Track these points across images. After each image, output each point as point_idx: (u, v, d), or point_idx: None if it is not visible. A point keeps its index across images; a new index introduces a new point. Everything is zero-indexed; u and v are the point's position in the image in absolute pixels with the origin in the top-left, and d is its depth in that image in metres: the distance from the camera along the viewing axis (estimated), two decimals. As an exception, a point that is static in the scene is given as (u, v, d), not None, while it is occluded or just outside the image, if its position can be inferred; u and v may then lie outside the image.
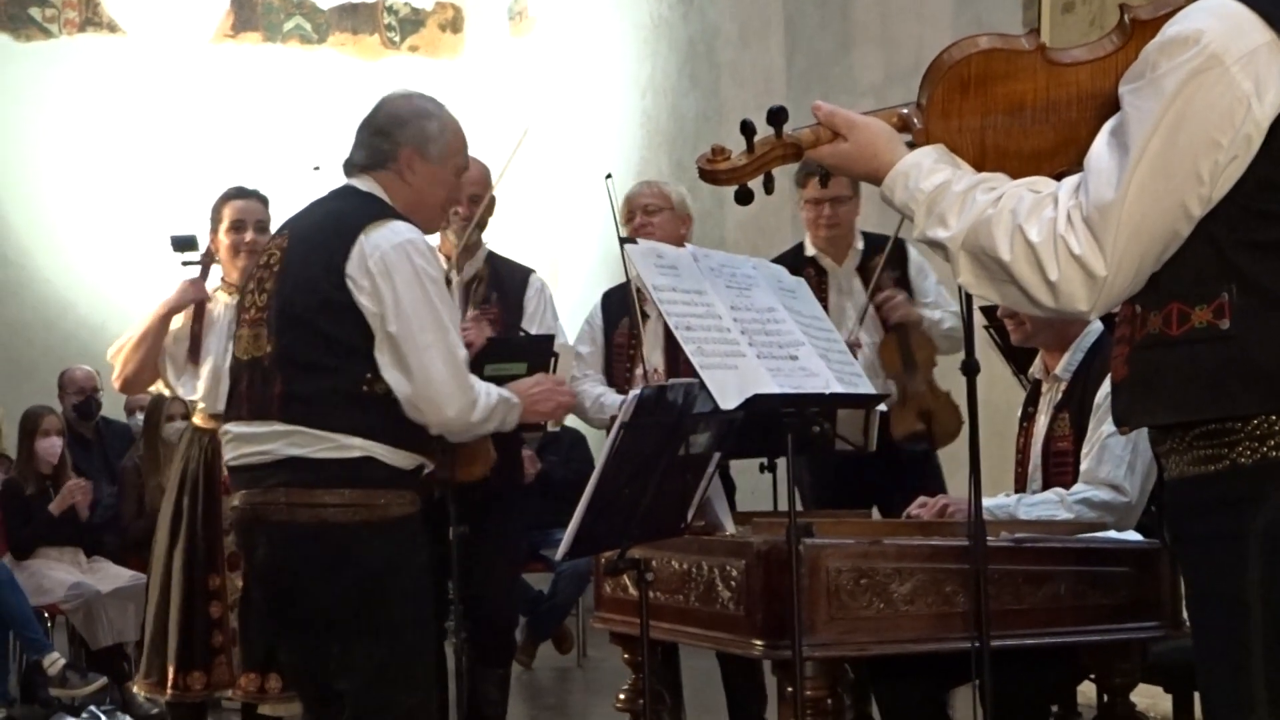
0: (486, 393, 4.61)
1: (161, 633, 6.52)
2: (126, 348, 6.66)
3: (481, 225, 6.72)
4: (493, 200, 6.76)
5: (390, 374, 4.46)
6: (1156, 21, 2.81)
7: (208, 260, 6.78)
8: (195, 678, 6.45)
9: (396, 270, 4.48)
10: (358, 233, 4.52)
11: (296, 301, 4.55)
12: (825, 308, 6.25)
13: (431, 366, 4.47)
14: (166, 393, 7.28)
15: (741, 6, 10.65)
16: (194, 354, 6.65)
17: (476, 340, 5.80)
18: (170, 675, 6.46)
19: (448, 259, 6.62)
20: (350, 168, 4.78)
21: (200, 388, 6.61)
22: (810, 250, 7.11)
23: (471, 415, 4.56)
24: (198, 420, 6.68)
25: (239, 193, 6.84)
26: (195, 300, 6.66)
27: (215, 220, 6.77)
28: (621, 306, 7.01)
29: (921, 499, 5.30)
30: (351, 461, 4.48)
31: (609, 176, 6.29)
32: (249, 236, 6.67)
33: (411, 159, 4.71)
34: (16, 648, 9.40)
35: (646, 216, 6.99)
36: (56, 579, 9.27)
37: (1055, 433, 5.18)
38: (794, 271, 6.16)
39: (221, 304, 6.69)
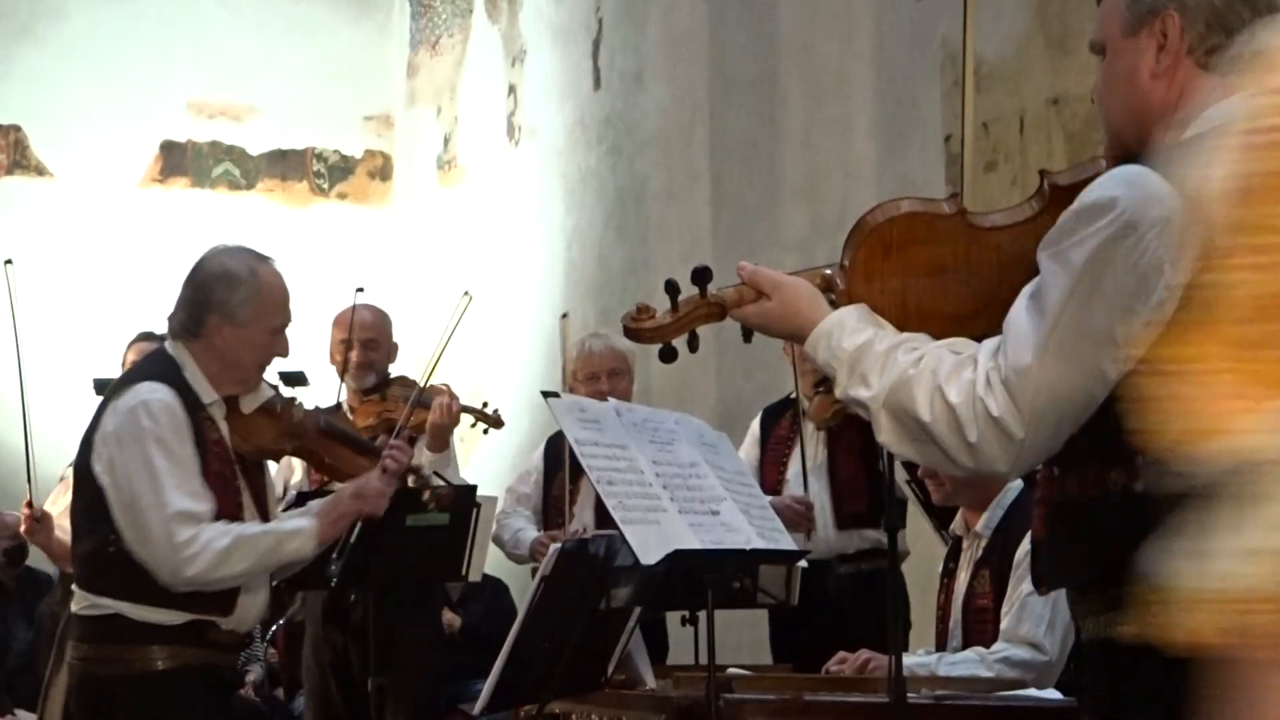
0: (208, 544, 4.60)
1: None
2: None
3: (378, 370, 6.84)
4: (395, 346, 6.89)
5: (126, 535, 4.61)
6: (1075, 187, 2.86)
7: None
8: None
9: (122, 435, 4.61)
10: (109, 401, 4.73)
11: (77, 466, 4.81)
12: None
13: (147, 527, 4.59)
14: None
15: (669, 160, 10.74)
16: None
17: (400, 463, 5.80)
18: None
19: (351, 409, 6.70)
20: (169, 328, 4.91)
21: None
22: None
23: (186, 571, 4.58)
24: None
25: (145, 337, 6.94)
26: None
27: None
28: (560, 457, 7.03)
29: (841, 654, 5.29)
30: (103, 618, 4.66)
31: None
32: None
33: (220, 326, 4.78)
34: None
35: (612, 381, 7.02)
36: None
37: (976, 590, 5.19)
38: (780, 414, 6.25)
39: None
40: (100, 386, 6.87)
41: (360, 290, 7.34)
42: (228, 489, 4.77)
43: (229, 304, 4.76)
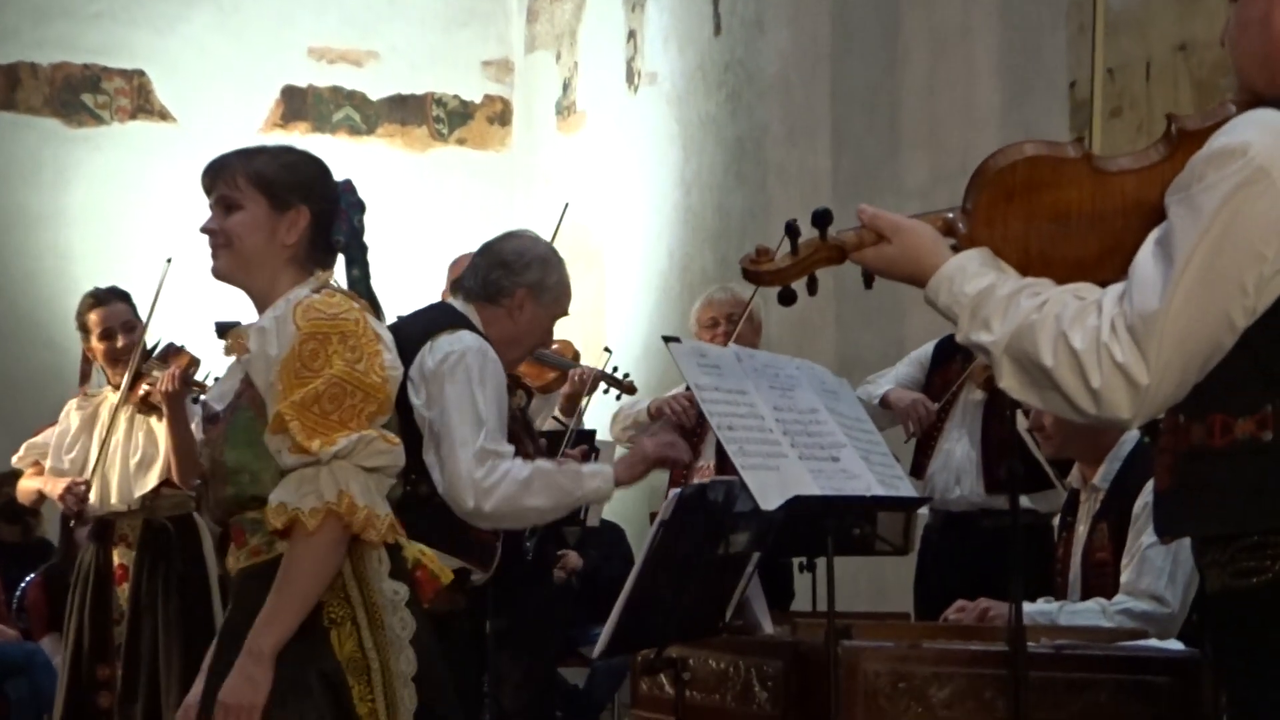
0: (509, 474, 4.70)
1: None
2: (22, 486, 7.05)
3: None
4: None
5: (432, 470, 4.69)
6: (1204, 132, 2.81)
7: (85, 368, 6.91)
8: None
9: (453, 372, 4.72)
10: (420, 342, 4.77)
11: None
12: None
13: (454, 459, 4.68)
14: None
15: (789, 107, 10.68)
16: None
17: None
18: None
19: None
20: (457, 289, 5.05)
21: (95, 485, 6.70)
22: None
23: (487, 503, 4.68)
24: (94, 512, 6.85)
25: (99, 300, 6.97)
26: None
27: (84, 329, 6.92)
28: None
29: (960, 602, 5.28)
30: None
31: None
32: (120, 342, 6.87)
33: (525, 301, 4.96)
34: (51, 731, 9.40)
35: (730, 325, 7.05)
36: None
37: (1094, 543, 5.16)
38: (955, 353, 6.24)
39: (109, 404, 6.83)
40: (221, 329, 6.93)
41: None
42: (520, 448, 4.91)
43: (543, 284, 4.97)
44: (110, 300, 6.92)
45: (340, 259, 3.91)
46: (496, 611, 5.61)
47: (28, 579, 9.74)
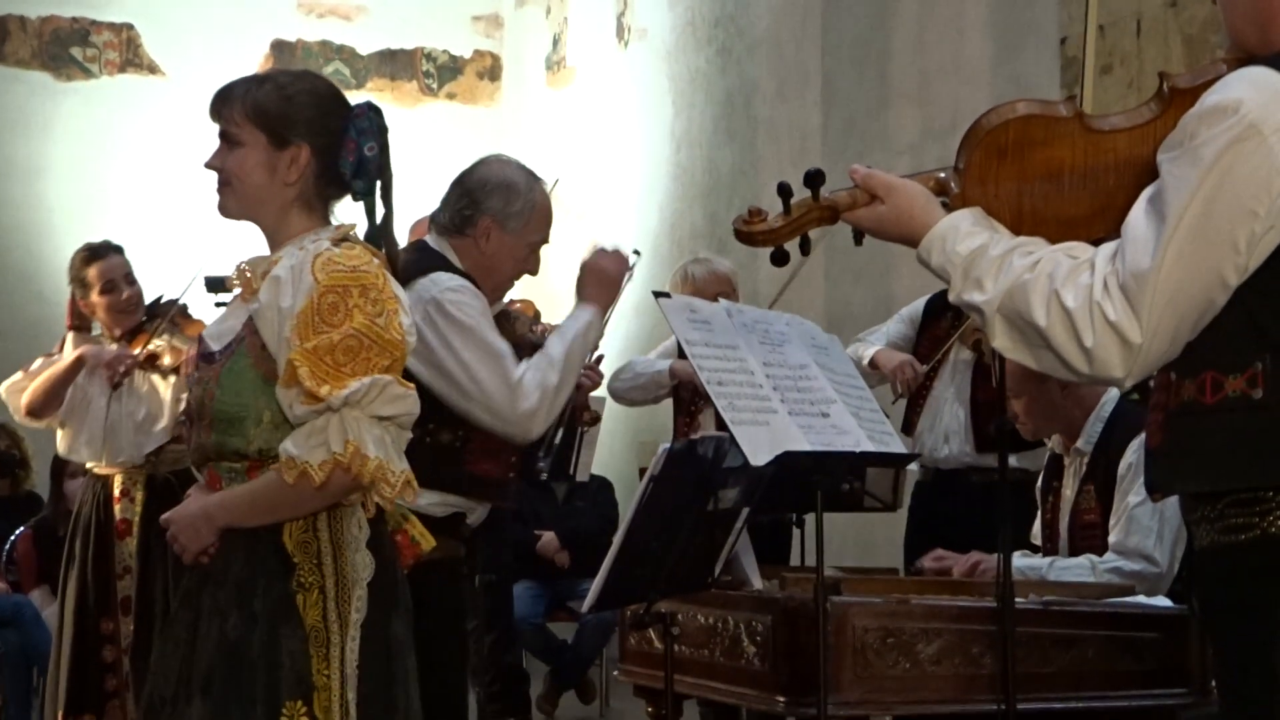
0: (525, 374, 4.65)
1: (56, 676, 6.56)
2: (36, 384, 6.78)
3: None
4: None
5: (459, 405, 4.61)
6: (1195, 90, 2.81)
7: (86, 322, 6.86)
8: None
9: (436, 318, 4.60)
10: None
11: None
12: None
13: (481, 381, 4.59)
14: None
15: (779, 62, 10.67)
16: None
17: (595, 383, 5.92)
18: (59, 719, 6.46)
19: None
20: (432, 223, 4.95)
21: (99, 438, 6.66)
22: None
23: (522, 405, 4.61)
24: (94, 467, 6.79)
25: (96, 253, 6.89)
26: (116, 370, 6.70)
27: (82, 284, 6.84)
28: None
29: (939, 551, 5.31)
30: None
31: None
32: (125, 294, 6.80)
33: (490, 229, 4.84)
34: (41, 684, 9.41)
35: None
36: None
37: (1081, 506, 5.17)
38: (944, 311, 6.24)
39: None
40: (212, 284, 6.93)
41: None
42: None
43: (504, 211, 4.84)
44: (107, 253, 6.85)
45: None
46: (485, 567, 5.62)
47: (17, 531, 9.74)
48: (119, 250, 6.85)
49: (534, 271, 4.97)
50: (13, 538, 9.75)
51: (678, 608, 4.74)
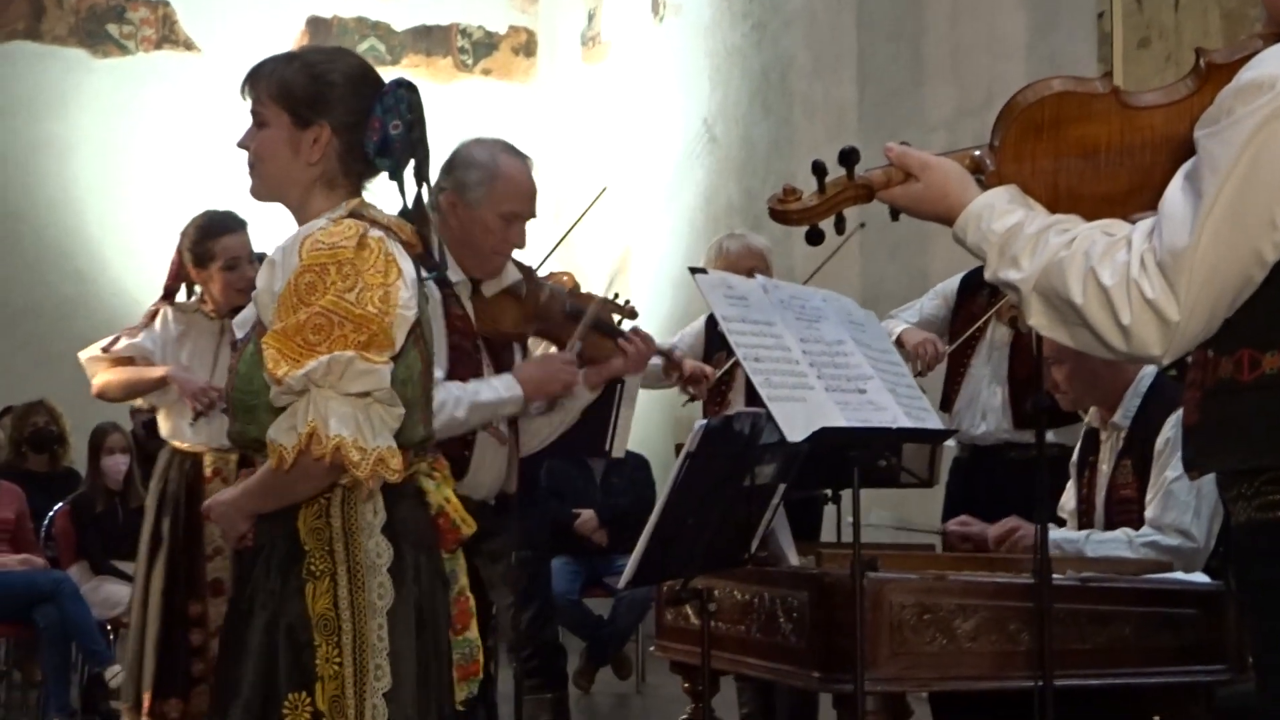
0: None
1: (139, 658, 6.40)
2: (117, 379, 6.54)
3: None
4: None
5: None
6: (1232, 66, 2.80)
7: (174, 285, 6.61)
8: (172, 705, 6.31)
9: None
10: None
11: None
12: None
13: None
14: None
15: (815, 38, 10.66)
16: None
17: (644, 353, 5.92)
18: (146, 702, 6.32)
19: None
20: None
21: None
22: None
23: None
24: (179, 444, 6.54)
25: (225, 226, 6.58)
26: (201, 401, 6.38)
27: (201, 255, 6.52)
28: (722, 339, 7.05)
29: (964, 517, 5.32)
30: None
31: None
32: (249, 273, 6.38)
33: (454, 204, 4.93)
34: (79, 659, 9.46)
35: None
36: (121, 592, 9.29)
37: (1118, 481, 5.17)
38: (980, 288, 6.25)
39: (207, 332, 6.58)
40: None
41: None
42: (467, 361, 4.83)
43: (464, 184, 4.92)
44: (238, 228, 6.56)
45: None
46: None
47: (56, 508, 9.79)
48: (245, 225, 6.57)
49: (520, 245, 4.96)
50: (51, 514, 9.80)
51: (714, 584, 4.75)
